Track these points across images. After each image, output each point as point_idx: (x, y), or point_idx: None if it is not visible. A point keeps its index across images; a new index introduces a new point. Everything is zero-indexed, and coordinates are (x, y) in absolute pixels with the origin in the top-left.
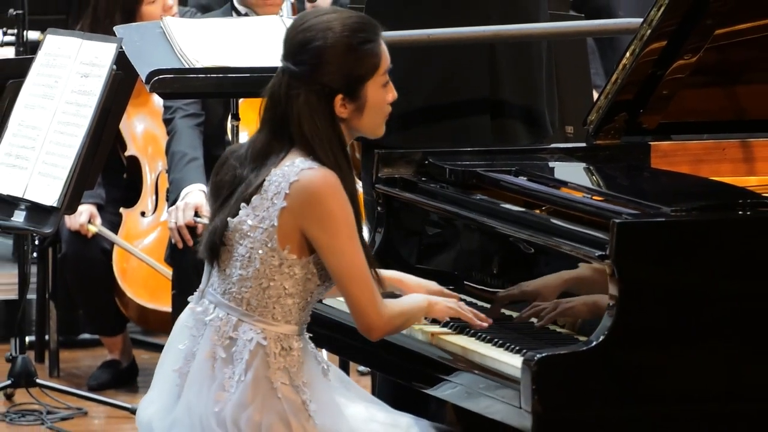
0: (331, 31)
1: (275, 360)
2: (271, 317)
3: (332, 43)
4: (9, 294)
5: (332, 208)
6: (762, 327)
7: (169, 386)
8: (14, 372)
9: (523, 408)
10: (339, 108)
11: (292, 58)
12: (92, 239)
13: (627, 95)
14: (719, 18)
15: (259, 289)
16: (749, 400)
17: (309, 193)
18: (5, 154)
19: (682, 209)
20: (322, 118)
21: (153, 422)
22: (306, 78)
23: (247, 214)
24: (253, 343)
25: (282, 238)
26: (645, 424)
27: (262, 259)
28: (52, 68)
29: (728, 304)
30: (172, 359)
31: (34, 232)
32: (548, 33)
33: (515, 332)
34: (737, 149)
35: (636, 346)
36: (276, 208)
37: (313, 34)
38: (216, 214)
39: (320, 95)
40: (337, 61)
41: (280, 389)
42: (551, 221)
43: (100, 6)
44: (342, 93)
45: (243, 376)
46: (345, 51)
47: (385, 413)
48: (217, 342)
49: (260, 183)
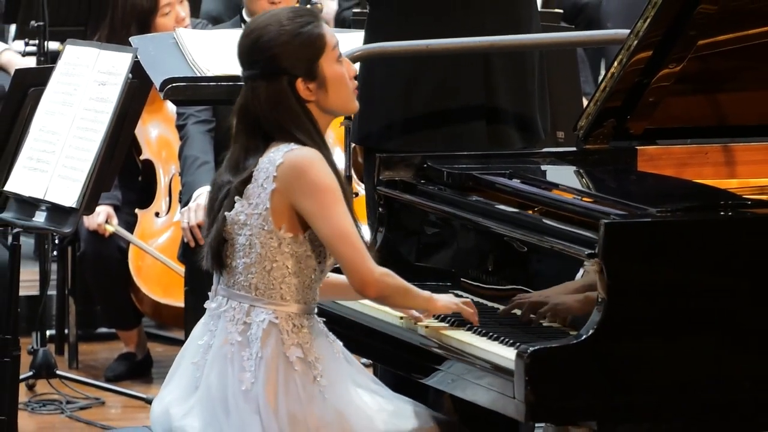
0: (272, 25)
1: (288, 337)
2: (280, 298)
3: (276, 34)
4: (31, 290)
5: (316, 177)
6: (741, 321)
7: (187, 378)
8: (36, 364)
9: (517, 398)
10: (304, 92)
11: (248, 64)
12: (109, 238)
13: (615, 102)
14: (702, 29)
15: (264, 272)
16: (729, 389)
17: (294, 169)
18: (27, 157)
19: (667, 210)
20: (291, 104)
21: (171, 408)
22: (265, 74)
23: (242, 205)
24: (265, 322)
25: (276, 218)
26: (632, 413)
27: (261, 243)
28: (72, 77)
29: (710, 299)
30: (191, 353)
31: (54, 231)
32: (540, 43)
33: (509, 326)
34: (719, 153)
35: (623, 339)
36: (267, 192)
37: (257, 34)
38: (210, 228)
39: (282, 84)
40: (287, 48)
41: (295, 363)
42: (543, 221)
43: (117, 18)
44: (301, 76)
45: (260, 353)
46: (291, 37)
47: (389, 401)
48: (232, 329)
49: (249, 175)
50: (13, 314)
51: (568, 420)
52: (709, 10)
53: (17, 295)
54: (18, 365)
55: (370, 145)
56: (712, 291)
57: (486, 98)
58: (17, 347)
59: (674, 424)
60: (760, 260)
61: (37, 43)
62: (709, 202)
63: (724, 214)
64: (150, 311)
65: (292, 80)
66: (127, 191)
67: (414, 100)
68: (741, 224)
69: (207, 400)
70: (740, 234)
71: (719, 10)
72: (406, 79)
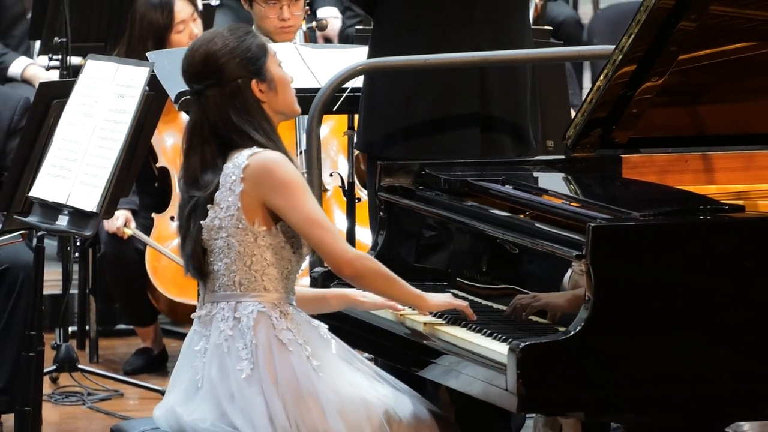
0: (216, 38)
1: (278, 322)
2: (263, 289)
3: (223, 45)
4: (54, 289)
5: (282, 174)
6: (718, 318)
7: (188, 381)
8: (59, 358)
9: (509, 390)
10: (258, 93)
11: (200, 78)
12: (127, 241)
13: (601, 113)
14: (682, 45)
15: (245, 268)
16: (708, 382)
17: (261, 169)
18: (51, 165)
19: (649, 214)
20: (249, 104)
21: (176, 407)
22: (220, 82)
23: (215, 211)
24: (254, 312)
25: (248, 215)
26: (616, 404)
27: (239, 241)
28: (92, 89)
29: (690, 297)
30: (188, 358)
31: (76, 234)
32: (532, 58)
33: (502, 323)
34: (698, 161)
35: (609, 336)
36: (236, 193)
37: (205, 49)
38: (184, 240)
39: (238, 87)
40: (234, 55)
41: (289, 344)
42: (534, 225)
43: (135, 35)
44: (254, 77)
45: (254, 340)
46: (235, 45)
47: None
48: (224, 326)
49: (217, 183)
50: (37, 312)
51: (558, 411)
52: (688, 27)
53: (41, 294)
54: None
55: (372, 153)
56: (691, 290)
57: (481, 109)
58: (41, 343)
59: (656, 414)
60: (737, 261)
61: (60, 58)
62: (689, 206)
63: (702, 218)
64: (165, 309)
65: (247, 82)
66: (144, 196)
67: (413, 111)
68: (719, 227)
69: (211, 394)
70: (718, 237)
71: (698, 27)
72: (406, 91)
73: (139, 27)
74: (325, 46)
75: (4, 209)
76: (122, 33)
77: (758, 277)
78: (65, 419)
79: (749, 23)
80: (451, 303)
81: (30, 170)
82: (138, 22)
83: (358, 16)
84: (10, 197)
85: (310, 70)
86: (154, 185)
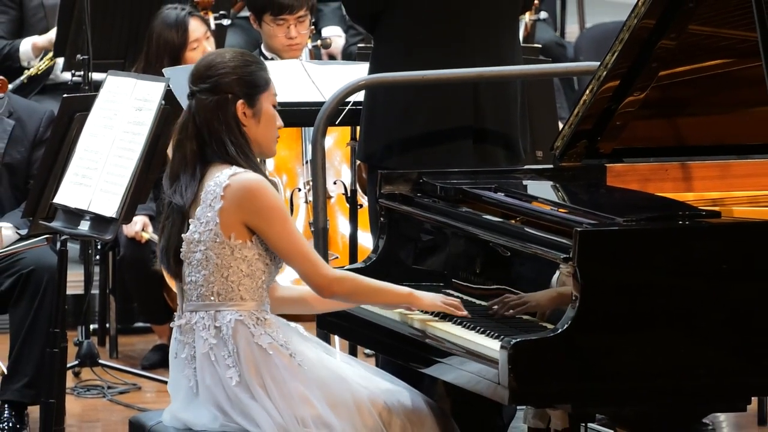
0: (227, 54)
1: (255, 329)
2: (240, 298)
3: (230, 60)
4: (76, 289)
5: (264, 200)
6: (696, 316)
7: (184, 390)
8: (81, 354)
9: (501, 383)
10: (241, 114)
11: (195, 82)
12: (145, 244)
13: (587, 125)
14: (662, 62)
15: (222, 279)
16: (685, 377)
17: (244, 191)
18: (73, 173)
19: (632, 219)
20: (230, 119)
21: (179, 414)
22: (213, 88)
23: (195, 225)
24: (232, 322)
25: (225, 229)
26: (601, 397)
27: (216, 254)
28: (112, 103)
29: (669, 298)
30: (178, 368)
31: (96, 238)
32: (522, 74)
33: (494, 321)
34: (678, 170)
35: (594, 333)
36: (215, 210)
37: (212, 59)
38: (161, 235)
39: (226, 99)
40: (235, 72)
41: (268, 348)
42: (524, 229)
43: (152, 52)
44: (242, 98)
45: (235, 348)
46: (241, 64)
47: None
48: (206, 335)
49: (195, 198)
50: (61, 311)
51: (546, 403)
52: (668, 45)
53: (65, 294)
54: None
55: (373, 162)
56: (671, 290)
57: (474, 122)
58: (65, 339)
59: (637, 407)
60: (713, 264)
61: (82, 74)
62: (669, 212)
63: (681, 223)
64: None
65: (234, 99)
66: (160, 203)
67: (411, 123)
68: (696, 232)
69: (210, 398)
70: (696, 241)
71: (678, 45)
72: (404, 105)
73: (156, 45)
74: (329, 63)
75: (30, 215)
76: (140, 51)
77: (733, 278)
78: (87, 411)
79: (725, 41)
80: (443, 302)
81: (54, 179)
82: (155, 41)
83: (361, 34)
84: (35, 204)
85: (315, 85)
86: None
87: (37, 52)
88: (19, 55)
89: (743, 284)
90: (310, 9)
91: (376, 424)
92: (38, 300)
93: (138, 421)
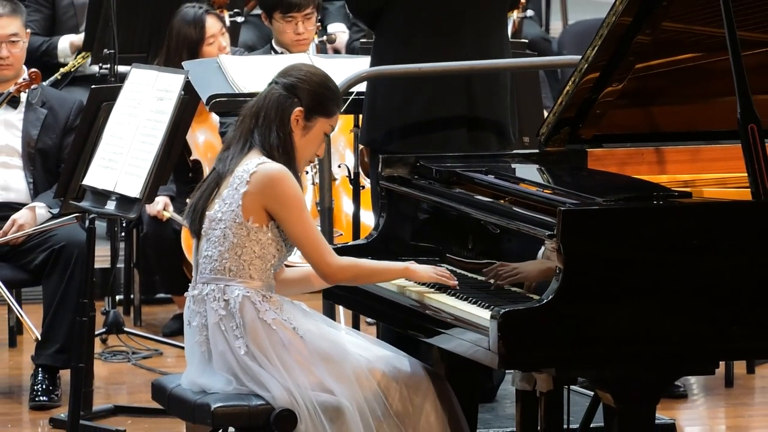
0: (318, 72)
1: (260, 305)
2: (249, 277)
3: (315, 74)
4: (103, 264)
5: (284, 189)
6: (668, 288)
7: (198, 356)
8: (107, 322)
9: (491, 350)
10: (294, 118)
11: (281, 76)
12: (166, 222)
13: (569, 114)
14: (639, 56)
15: (236, 257)
16: (659, 343)
17: (268, 179)
18: (100, 158)
19: (611, 199)
20: (284, 115)
21: (197, 379)
22: (287, 86)
23: (219, 205)
24: (240, 297)
25: (246, 212)
26: (582, 362)
27: (234, 233)
28: (136, 93)
29: (645, 271)
30: (191, 335)
31: (122, 216)
32: (511, 66)
33: (484, 292)
34: (652, 154)
35: (576, 303)
36: (239, 193)
37: (303, 67)
38: (195, 192)
39: (290, 100)
40: (311, 86)
41: (272, 323)
42: (512, 209)
43: (172, 47)
44: (303, 107)
45: (242, 321)
46: (320, 83)
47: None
48: (216, 306)
49: (228, 180)
50: (89, 283)
51: (533, 367)
52: (644, 40)
53: (93, 268)
54: (93, 323)
55: (374, 147)
56: (646, 264)
57: (467, 110)
58: (93, 309)
59: (615, 370)
60: (685, 239)
61: (109, 66)
62: (645, 193)
63: (656, 203)
64: None
65: (297, 104)
66: (180, 184)
67: (409, 112)
68: (669, 211)
69: (224, 364)
70: (669, 219)
71: (653, 41)
72: (403, 95)
73: (175, 40)
74: (334, 57)
75: (61, 196)
76: (161, 45)
77: (703, 253)
78: (113, 374)
79: (696, 37)
80: (436, 272)
81: (83, 162)
82: (174, 36)
83: (363, 30)
84: (66, 185)
85: None
86: (188, 175)
87: (74, 50)
88: (57, 52)
89: (712, 258)
90: (317, 7)
91: (375, 389)
92: (69, 273)
93: (160, 383)
